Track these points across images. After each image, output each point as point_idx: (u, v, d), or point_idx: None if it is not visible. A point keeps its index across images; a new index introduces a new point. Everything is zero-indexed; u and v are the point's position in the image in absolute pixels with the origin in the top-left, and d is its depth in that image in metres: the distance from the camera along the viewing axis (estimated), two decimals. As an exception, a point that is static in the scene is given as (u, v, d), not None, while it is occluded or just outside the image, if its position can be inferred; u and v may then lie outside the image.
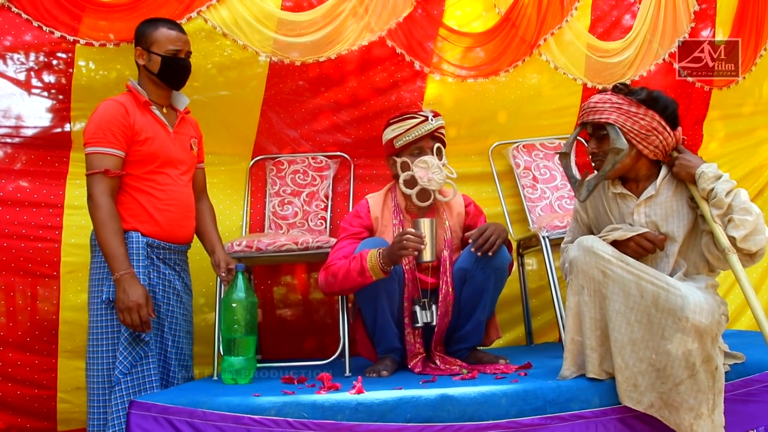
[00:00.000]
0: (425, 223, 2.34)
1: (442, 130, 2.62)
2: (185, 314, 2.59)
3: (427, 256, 2.34)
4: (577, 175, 2.28)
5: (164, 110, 2.57)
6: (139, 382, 2.31)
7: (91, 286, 2.44)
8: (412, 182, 2.55)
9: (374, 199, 2.68)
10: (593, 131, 2.18)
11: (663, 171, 2.19)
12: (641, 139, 2.11)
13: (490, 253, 2.40)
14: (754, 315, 1.98)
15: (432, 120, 2.57)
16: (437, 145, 2.59)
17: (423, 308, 2.48)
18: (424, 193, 2.55)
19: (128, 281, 2.28)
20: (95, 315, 2.39)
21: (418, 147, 2.56)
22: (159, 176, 2.47)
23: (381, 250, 2.34)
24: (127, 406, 2.15)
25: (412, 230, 2.32)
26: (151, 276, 2.44)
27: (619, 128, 2.10)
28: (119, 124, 2.38)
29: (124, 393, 2.27)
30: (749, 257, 2.04)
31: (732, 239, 2.02)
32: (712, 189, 2.05)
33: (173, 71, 2.52)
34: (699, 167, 2.09)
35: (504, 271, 2.50)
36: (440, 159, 2.57)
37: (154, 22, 2.55)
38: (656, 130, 2.12)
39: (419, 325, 2.47)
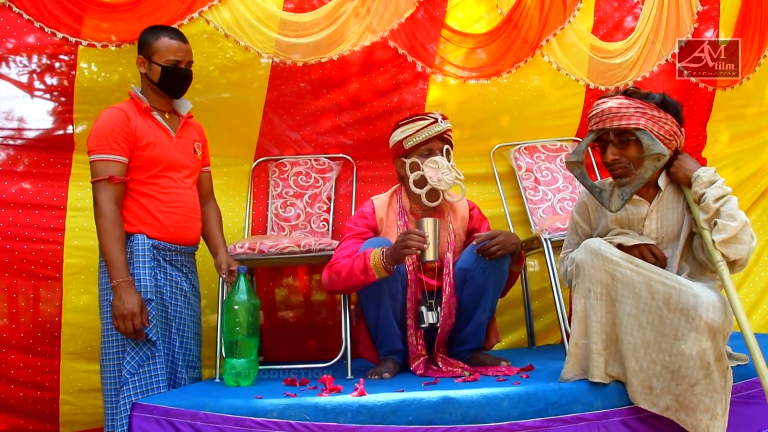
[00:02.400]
0: (428, 223, 2.36)
1: (450, 133, 2.66)
2: (193, 315, 2.60)
3: (430, 255, 2.36)
4: (598, 184, 2.24)
5: (166, 116, 2.60)
6: (146, 382, 2.33)
7: (101, 289, 2.46)
8: (421, 182, 2.57)
9: (380, 201, 2.70)
10: (614, 137, 2.14)
11: (665, 172, 2.19)
12: (666, 143, 2.11)
13: (487, 259, 2.43)
14: (740, 325, 1.97)
15: (441, 122, 2.59)
16: (446, 146, 2.62)
17: (429, 309, 2.49)
18: (433, 194, 2.57)
19: (125, 289, 2.31)
20: (105, 317, 2.42)
21: (427, 148, 2.59)
22: (162, 180, 2.49)
23: (384, 249, 2.36)
24: None
25: (416, 229, 2.34)
26: (158, 277, 2.46)
27: (650, 133, 2.08)
28: (121, 131, 2.41)
29: (131, 393, 2.28)
30: (729, 265, 2.02)
31: (713, 242, 2.01)
32: (704, 193, 2.05)
33: (173, 81, 2.55)
34: (696, 171, 2.09)
35: (504, 272, 2.51)
36: (449, 160, 2.59)
37: (156, 31, 2.56)
38: (675, 133, 2.13)
39: (425, 326, 2.48)
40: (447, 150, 2.62)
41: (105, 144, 2.39)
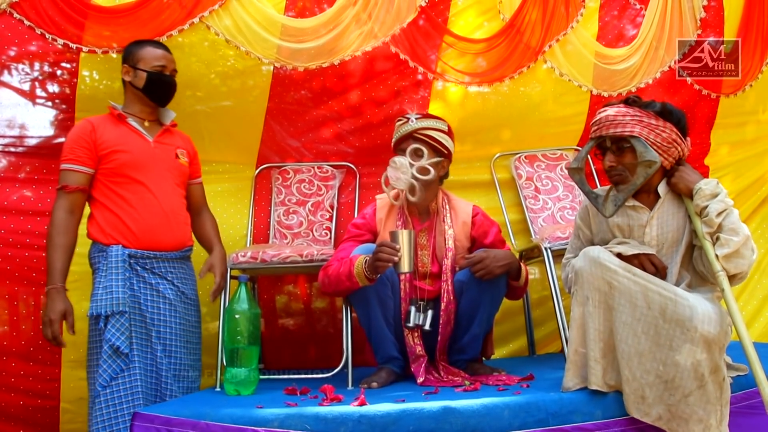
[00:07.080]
0: (402, 235, 2.32)
1: (429, 131, 2.59)
2: (182, 323, 2.56)
3: (404, 267, 2.32)
4: (597, 190, 2.26)
5: (146, 123, 2.64)
6: (120, 395, 2.32)
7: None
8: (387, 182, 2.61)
9: (383, 201, 2.72)
10: (612, 144, 2.17)
11: (665, 180, 2.20)
12: (663, 151, 2.12)
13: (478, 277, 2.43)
14: (740, 336, 1.98)
15: (413, 121, 2.59)
16: (414, 145, 2.58)
17: (418, 310, 2.50)
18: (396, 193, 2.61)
19: (52, 296, 2.37)
20: (90, 328, 2.46)
21: (401, 148, 2.62)
22: (134, 186, 2.51)
23: (368, 258, 2.35)
24: (105, 418, 2.26)
25: (388, 242, 2.32)
26: (135, 287, 2.45)
27: (644, 140, 2.10)
28: (83, 141, 2.49)
29: (103, 405, 2.30)
30: (729, 278, 2.04)
31: (715, 256, 2.02)
32: (706, 206, 2.06)
33: (158, 86, 2.61)
34: (697, 183, 2.10)
35: (499, 288, 2.50)
36: (419, 159, 2.57)
37: (140, 42, 2.66)
38: (675, 141, 2.14)
39: (410, 325, 2.48)
40: (416, 149, 2.58)
41: (67, 153, 2.49)
